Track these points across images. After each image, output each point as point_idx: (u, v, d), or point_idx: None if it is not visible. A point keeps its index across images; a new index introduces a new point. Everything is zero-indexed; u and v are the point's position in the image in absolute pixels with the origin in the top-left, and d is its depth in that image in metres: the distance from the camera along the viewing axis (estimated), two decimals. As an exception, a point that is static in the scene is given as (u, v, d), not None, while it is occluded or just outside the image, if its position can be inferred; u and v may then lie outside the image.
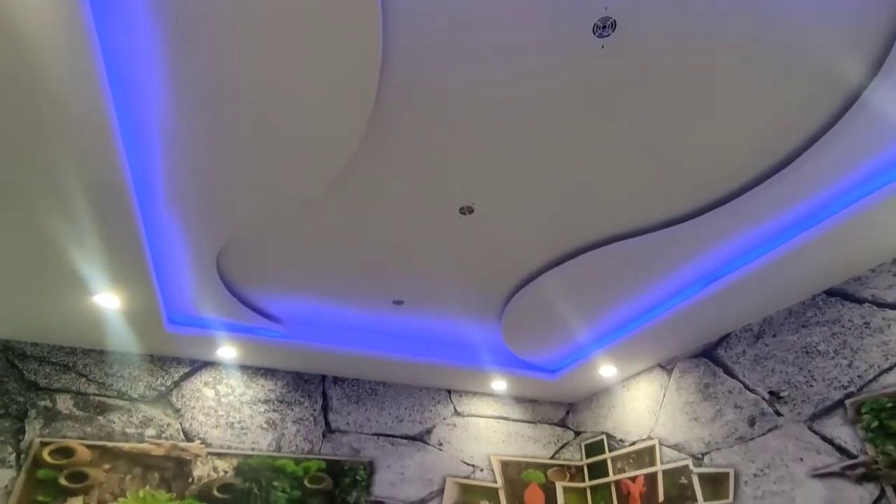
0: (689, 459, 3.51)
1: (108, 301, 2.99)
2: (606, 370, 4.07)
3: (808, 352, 2.96)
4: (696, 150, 2.29)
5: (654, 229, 2.81)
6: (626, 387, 4.23)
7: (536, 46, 1.84)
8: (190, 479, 3.48)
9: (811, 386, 2.90)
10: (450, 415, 4.36)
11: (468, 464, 4.20)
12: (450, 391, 4.46)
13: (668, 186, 2.51)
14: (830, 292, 2.93)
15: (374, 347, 3.86)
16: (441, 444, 4.20)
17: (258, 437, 3.75)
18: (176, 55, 1.78)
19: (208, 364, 3.89)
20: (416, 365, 3.97)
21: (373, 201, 2.60)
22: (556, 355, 4.08)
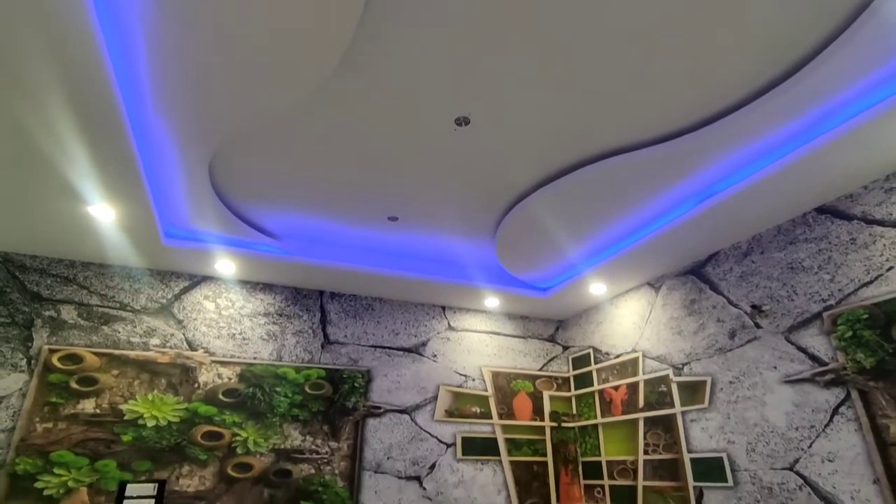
0: (669, 369, 3.70)
1: (103, 212, 3.00)
2: (596, 288, 4.18)
3: (792, 268, 3.04)
4: (694, 61, 2.22)
5: (648, 144, 2.78)
6: (615, 304, 4.37)
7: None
8: (196, 385, 3.66)
9: (792, 300, 3.00)
10: (444, 329, 4.53)
11: (461, 374, 4.42)
12: (444, 307, 4.60)
13: (665, 99, 2.45)
14: (821, 209, 2.96)
15: (370, 264, 3.93)
16: (435, 355, 4.40)
17: (259, 348, 3.90)
18: (154, -63, 1.67)
19: (207, 278, 3.97)
20: (411, 281, 4.06)
21: (367, 111, 2.54)
22: (548, 273, 4.18)
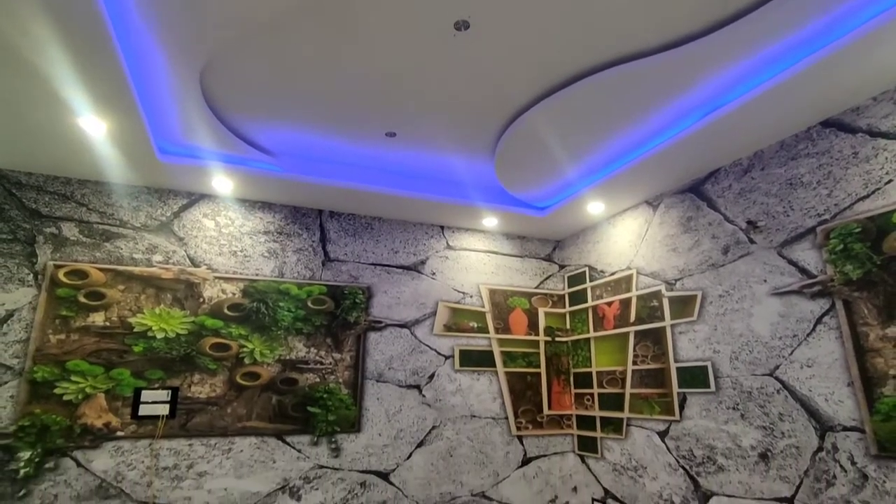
0: (662, 285, 3.80)
1: (94, 126, 2.93)
2: (594, 207, 4.19)
3: (791, 183, 3.02)
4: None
5: (651, 53, 2.67)
6: (612, 223, 4.40)
7: None
8: (201, 300, 3.76)
9: (788, 216, 3.02)
10: (442, 248, 4.59)
11: (459, 291, 4.54)
12: (442, 227, 4.63)
13: (669, 3, 2.33)
14: (826, 123, 2.90)
15: (369, 182, 3.91)
16: (434, 273, 4.49)
17: (261, 265, 3.97)
18: None
19: (205, 196, 3.95)
20: (410, 200, 4.06)
21: (362, 16, 2.41)
22: (546, 192, 4.17)
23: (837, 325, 2.70)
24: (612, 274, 4.31)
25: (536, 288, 4.82)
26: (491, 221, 4.52)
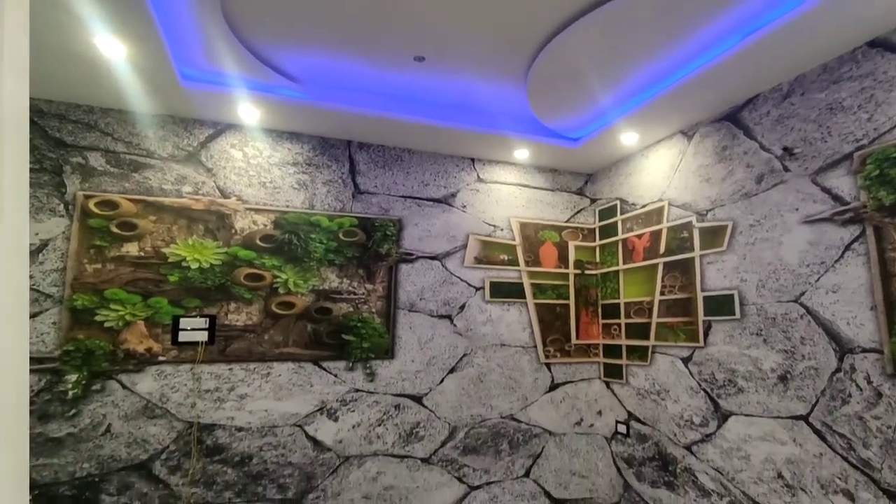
0: (693, 216, 3.74)
1: (112, 48, 2.79)
2: (628, 137, 4.08)
3: (831, 108, 2.88)
4: None
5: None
6: (645, 155, 4.29)
7: None
8: (233, 231, 3.74)
9: (825, 142, 2.89)
10: (473, 181, 4.51)
11: (490, 224, 4.50)
12: (473, 159, 4.54)
13: None
14: (873, 43, 2.71)
15: (398, 111, 3.78)
16: (465, 206, 4.44)
17: (291, 196, 3.92)
18: None
19: (231, 126, 3.85)
20: (440, 130, 3.95)
21: None
22: (580, 121, 4.05)
23: (866, 252, 2.65)
24: (644, 206, 4.25)
25: (567, 221, 4.77)
26: (522, 153, 4.41)
